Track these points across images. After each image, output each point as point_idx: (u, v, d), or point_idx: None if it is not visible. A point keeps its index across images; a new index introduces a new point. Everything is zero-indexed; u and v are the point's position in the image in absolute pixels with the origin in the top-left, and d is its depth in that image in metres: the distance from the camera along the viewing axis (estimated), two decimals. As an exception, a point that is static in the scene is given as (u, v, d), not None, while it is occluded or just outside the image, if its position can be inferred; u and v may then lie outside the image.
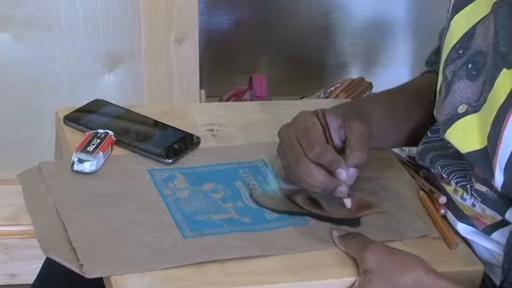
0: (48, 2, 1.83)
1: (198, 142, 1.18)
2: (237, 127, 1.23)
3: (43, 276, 1.20)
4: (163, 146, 1.16)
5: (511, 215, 1.00)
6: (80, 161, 1.09)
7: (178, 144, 1.16)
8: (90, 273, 0.94)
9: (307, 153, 1.03)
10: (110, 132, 1.15)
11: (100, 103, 1.25)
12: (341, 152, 1.04)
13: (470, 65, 1.03)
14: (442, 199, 1.08)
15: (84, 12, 1.84)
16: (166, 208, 1.05)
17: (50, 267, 1.19)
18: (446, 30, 1.08)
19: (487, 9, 1.02)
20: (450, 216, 1.07)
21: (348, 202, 1.04)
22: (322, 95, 2.04)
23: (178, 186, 1.09)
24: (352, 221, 1.05)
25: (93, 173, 1.10)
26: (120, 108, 1.24)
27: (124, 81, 1.90)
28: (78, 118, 1.20)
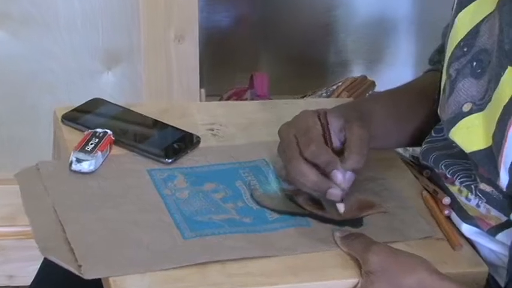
0: (45, -2, 1.83)
1: (198, 141, 1.18)
2: (237, 126, 1.23)
3: (41, 277, 1.20)
4: (162, 145, 1.15)
5: (516, 216, 1.00)
6: (78, 161, 1.09)
7: (178, 143, 1.16)
8: (88, 274, 0.94)
9: (303, 151, 1.02)
10: (109, 131, 1.14)
11: (98, 102, 1.24)
12: (339, 154, 1.03)
13: (474, 63, 1.02)
14: (446, 200, 1.08)
15: (82, 8, 1.84)
16: (166, 208, 1.05)
17: (47, 269, 1.19)
18: (450, 27, 1.08)
19: (491, 7, 1.02)
20: (454, 217, 1.07)
21: (341, 207, 1.03)
22: (324, 94, 2.04)
23: (178, 186, 1.09)
24: (355, 222, 1.04)
25: (91, 172, 1.09)
26: (119, 107, 1.23)
27: (123, 80, 1.90)
28: (76, 117, 1.20)
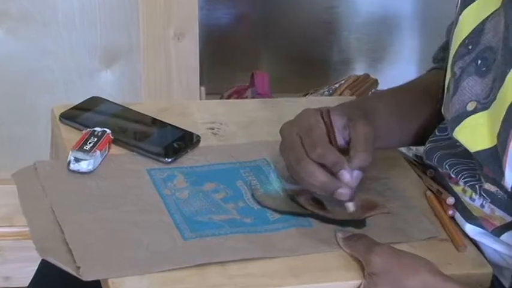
0: (43, -5, 1.82)
1: (198, 141, 1.17)
2: (238, 125, 1.22)
3: (38, 279, 1.20)
4: (162, 144, 1.15)
5: (521, 216, 1.00)
6: (76, 160, 1.09)
7: (177, 142, 1.16)
8: (87, 276, 0.93)
9: (309, 153, 1.02)
10: (108, 130, 1.14)
11: (97, 100, 1.24)
12: (344, 152, 1.03)
13: (479, 61, 1.02)
14: (450, 200, 1.07)
15: (81, 5, 1.84)
16: (166, 209, 1.04)
17: (45, 270, 1.19)
18: (454, 25, 1.07)
19: (496, 4, 1.02)
20: (458, 217, 1.07)
21: (351, 206, 1.03)
22: (326, 92, 2.04)
23: (178, 186, 1.08)
24: (357, 222, 1.04)
25: (90, 172, 1.09)
26: (117, 105, 1.23)
27: (122, 78, 1.90)
28: (74, 116, 1.20)
